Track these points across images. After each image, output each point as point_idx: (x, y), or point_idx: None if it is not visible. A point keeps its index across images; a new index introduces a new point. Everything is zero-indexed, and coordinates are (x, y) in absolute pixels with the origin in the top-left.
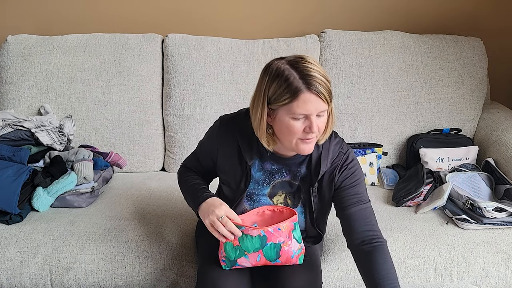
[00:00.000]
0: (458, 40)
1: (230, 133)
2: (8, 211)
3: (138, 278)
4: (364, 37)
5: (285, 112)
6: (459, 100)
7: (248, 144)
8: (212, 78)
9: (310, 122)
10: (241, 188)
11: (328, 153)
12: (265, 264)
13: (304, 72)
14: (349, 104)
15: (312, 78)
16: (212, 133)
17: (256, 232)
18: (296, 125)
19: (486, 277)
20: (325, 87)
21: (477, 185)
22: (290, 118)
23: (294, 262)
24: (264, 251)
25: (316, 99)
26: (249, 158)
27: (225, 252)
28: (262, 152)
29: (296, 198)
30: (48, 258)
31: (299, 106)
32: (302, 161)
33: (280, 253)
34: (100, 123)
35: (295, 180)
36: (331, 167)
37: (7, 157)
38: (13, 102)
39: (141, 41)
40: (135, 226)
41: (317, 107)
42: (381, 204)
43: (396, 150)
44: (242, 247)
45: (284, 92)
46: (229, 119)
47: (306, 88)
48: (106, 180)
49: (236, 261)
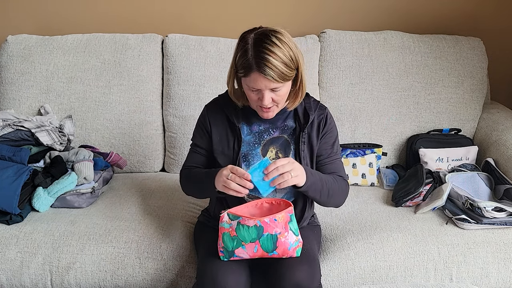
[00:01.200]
0: (458, 40)
1: (216, 108)
2: (8, 211)
3: (138, 278)
4: (364, 37)
5: (244, 81)
6: (459, 100)
7: (233, 110)
8: (212, 78)
9: (262, 96)
10: (235, 149)
11: (311, 107)
12: (262, 255)
13: (260, 53)
14: (349, 104)
15: (264, 61)
16: (202, 116)
17: (252, 222)
18: (251, 95)
19: (486, 277)
20: (276, 71)
21: (476, 185)
22: (247, 88)
23: (291, 255)
24: (261, 241)
25: (264, 79)
26: (236, 121)
27: (223, 243)
28: (248, 116)
29: (287, 151)
30: (49, 258)
31: (250, 82)
32: (287, 116)
33: (277, 244)
34: (100, 123)
35: (283, 133)
36: (318, 118)
37: (7, 157)
38: (13, 102)
39: (141, 41)
40: (135, 227)
41: (267, 85)
42: (381, 204)
43: (396, 150)
44: (239, 237)
45: (241, 66)
46: (212, 101)
47: (256, 69)
48: (106, 181)
49: (234, 251)
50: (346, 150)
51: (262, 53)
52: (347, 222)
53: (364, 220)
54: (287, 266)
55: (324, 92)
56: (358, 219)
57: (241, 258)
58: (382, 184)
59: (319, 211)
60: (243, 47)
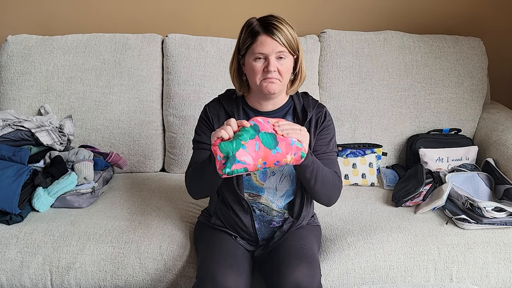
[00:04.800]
0: (458, 40)
1: (217, 105)
2: (8, 211)
3: (138, 278)
4: (364, 37)
5: (249, 56)
6: (459, 100)
7: (234, 106)
8: (212, 78)
9: (268, 62)
10: None
11: (309, 104)
12: (266, 155)
13: (266, 21)
14: (349, 104)
15: (270, 25)
16: (203, 114)
17: (247, 123)
18: (257, 65)
19: (485, 277)
20: (283, 34)
21: (476, 185)
22: (252, 60)
23: (296, 152)
24: (260, 137)
25: (271, 41)
26: (237, 116)
27: (221, 152)
28: (248, 112)
29: None
30: (49, 258)
31: (257, 47)
32: (286, 112)
33: (277, 140)
34: (100, 123)
35: None
36: (316, 116)
37: (7, 157)
38: (13, 102)
39: (141, 41)
40: (135, 227)
41: (274, 48)
42: (381, 204)
43: (396, 150)
44: (238, 138)
45: (246, 37)
46: (212, 100)
47: (263, 31)
48: (106, 181)
49: (235, 156)
50: (346, 150)
51: (269, 21)
52: (347, 222)
53: (364, 220)
54: (287, 266)
55: (324, 92)
56: (358, 219)
57: (245, 166)
58: (382, 184)
59: (319, 211)
60: (248, 25)
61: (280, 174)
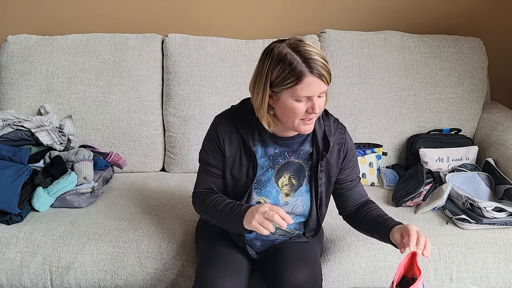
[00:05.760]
0: (458, 40)
1: (230, 125)
2: (8, 211)
3: (138, 278)
4: (364, 37)
5: (288, 95)
6: (459, 100)
7: (249, 130)
8: (212, 78)
9: (312, 103)
10: (250, 176)
11: (331, 130)
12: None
13: (306, 56)
14: (349, 104)
15: (314, 62)
16: (213, 132)
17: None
18: (299, 106)
19: (485, 277)
20: (326, 69)
21: (476, 185)
22: (294, 100)
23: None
24: None
25: (318, 82)
26: (252, 145)
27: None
28: (263, 137)
29: (301, 177)
30: (48, 258)
31: (303, 89)
32: (305, 139)
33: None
34: (100, 123)
35: (298, 158)
36: (338, 143)
37: (7, 157)
38: (13, 102)
39: (141, 41)
40: (135, 226)
41: (319, 89)
42: (381, 204)
43: (396, 150)
44: None
45: (288, 76)
46: (225, 114)
47: (309, 71)
48: (106, 180)
49: None
50: None
51: (308, 54)
52: None
53: None
54: (288, 269)
55: None
56: None
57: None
58: (382, 184)
59: None
60: (281, 59)
61: (293, 204)
